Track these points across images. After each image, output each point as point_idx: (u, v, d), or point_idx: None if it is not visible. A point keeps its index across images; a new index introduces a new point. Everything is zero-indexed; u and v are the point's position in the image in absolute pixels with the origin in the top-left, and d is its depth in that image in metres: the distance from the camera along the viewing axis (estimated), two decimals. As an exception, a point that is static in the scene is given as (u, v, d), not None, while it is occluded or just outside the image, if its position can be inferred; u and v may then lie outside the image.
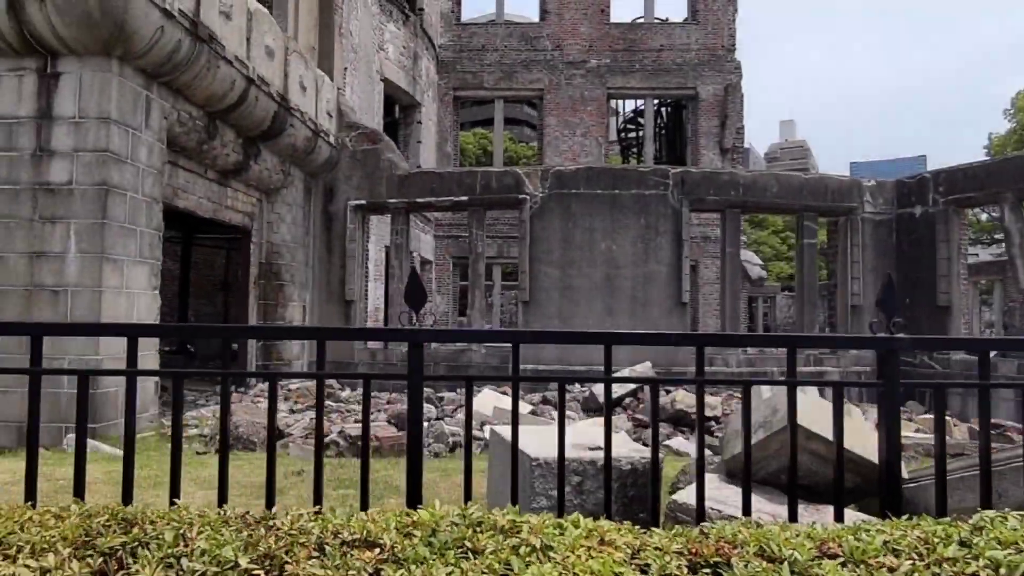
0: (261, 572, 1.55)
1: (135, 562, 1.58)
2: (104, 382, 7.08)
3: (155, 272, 7.97)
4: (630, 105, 28.88)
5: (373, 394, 11.35)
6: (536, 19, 24.41)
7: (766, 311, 26.06)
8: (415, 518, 1.88)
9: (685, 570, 1.63)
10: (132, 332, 2.83)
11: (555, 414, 9.52)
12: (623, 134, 30.04)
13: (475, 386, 11.24)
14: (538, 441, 4.04)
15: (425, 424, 8.25)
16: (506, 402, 9.80)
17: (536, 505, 3.62)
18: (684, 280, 11.81)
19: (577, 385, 11.64)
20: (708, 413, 9.32)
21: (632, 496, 3.83)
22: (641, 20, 24.37)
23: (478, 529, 1.86)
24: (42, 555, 1.60)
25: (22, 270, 7.01)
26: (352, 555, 1.67)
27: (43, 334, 2.62)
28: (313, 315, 12.72)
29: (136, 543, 1.68)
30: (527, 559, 1.63)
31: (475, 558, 1.65)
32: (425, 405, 10.18)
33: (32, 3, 6.62)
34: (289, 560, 1.58)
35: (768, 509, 3.83)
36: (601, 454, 2.73)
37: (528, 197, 11.98)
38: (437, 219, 21.81)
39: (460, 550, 1.72)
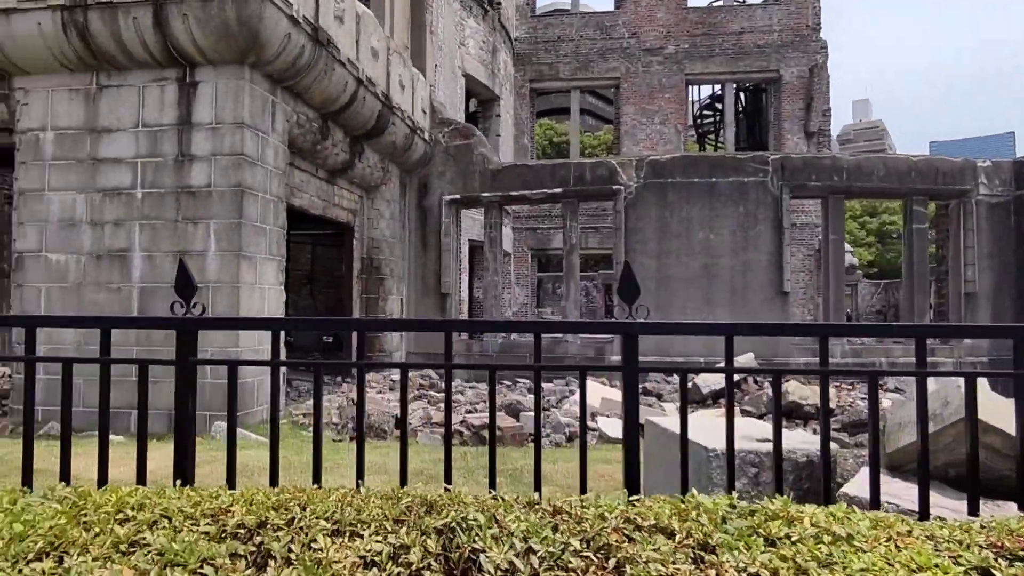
0: (590, 554, 1.64)
1: (468, 541, 1.70)
2: (241, 372, 7.49)
3: (281, 268, 8.37)
4: (704, 92, 28.29)
5: (470, 385, 11.58)
6: (611, 8, 24.12)
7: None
8: (693, 504, 1.95)
9: (1002, 562, 1.63)
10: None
11: (664, 405, 9.48)
12: (699, 120, 29.38)
13: (569, 377, 11.22)
14: (705, 432, 4.06)
15: (531, 414, 8.37)
16: (613, 393, 9.83)
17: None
18: (785, 269, 11.51)
19: (674, 376, 11.55)
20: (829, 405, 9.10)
21: (807, 489, 3.81)
22: (720, 3, 23.76)
23: (753, 517, 1.91)
24: (381, 532, 1.75)
25: (168, 268, 7.49)
26: (656, 540, 1.74)
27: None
28: (409, 308, 13.05)
29: (455, 524, 1.81)
30: (838, 548, 1.67)
31: (782, 545, 1.70)
32: (528, 395, 10.33)
33: (175, 18, 7.03)
34: (614, 543, 1.67)
35: (945, 504, 3.74)
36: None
37: (622, 187, 11.92)
38: (515, 212, 21.95)
39: (755, 537, 1.77)
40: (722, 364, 2.68)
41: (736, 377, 10.01)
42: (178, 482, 2.39)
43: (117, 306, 7.54)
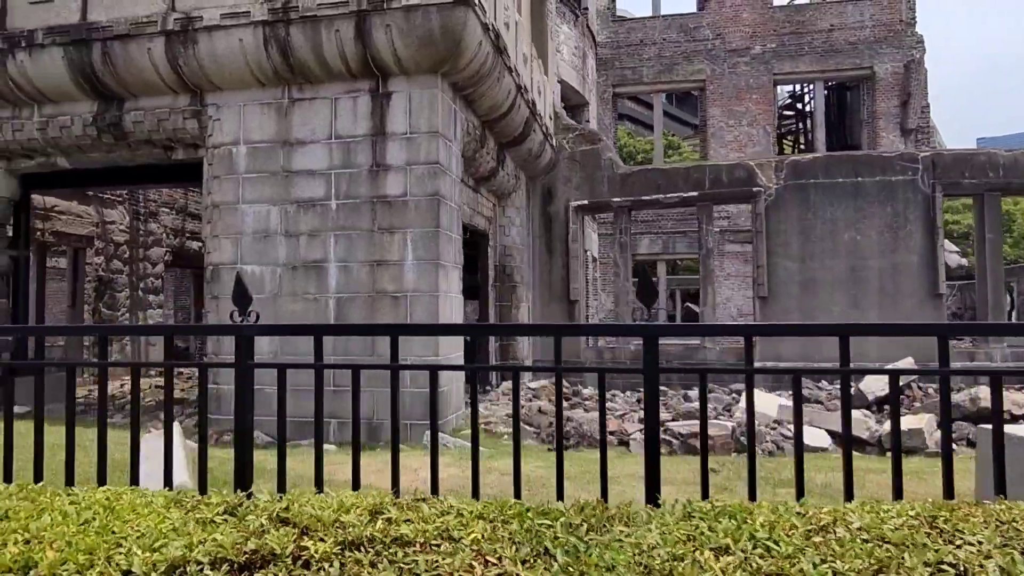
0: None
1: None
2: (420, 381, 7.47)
3: (460, 275, 8.37)
4: (782, 92, 27.74)
5: (611, 393, 11.40)
6: (694, 10, 23.87)
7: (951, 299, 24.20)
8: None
9: None
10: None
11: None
12: (779, 121, 28.82)
13: (727, 384, 10.85)
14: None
15: (731, 422, 8.17)
16: (786, 401, 9.56)
17: None
18: (940, 270, 11.10)
19: (823, 382, 11.21)
20: (1016, 411, 8.70)
21: None
22: (807, 1, 23.30)
23: None
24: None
25: (364, 278, 7.54)
26: None
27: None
28: (535, 315, 12.98)
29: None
30: None
31: None
32: (684, 403, 10.13)
33: (378, 29, 7.09)
34: None
35: None
36: None
37: (762, 189, 11.66)
38: (601, 217, 21.77)
39: None
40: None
41: (886, 383, 9.64)
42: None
43: (313, 316, 7.61)
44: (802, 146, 29.53)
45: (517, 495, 2.53)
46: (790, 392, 10.25)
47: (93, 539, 1.76)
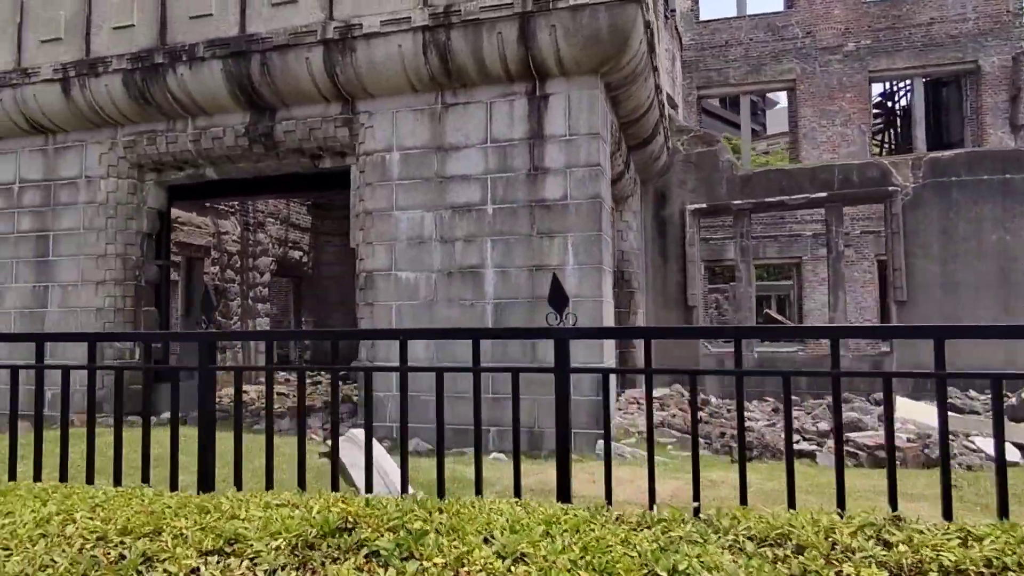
0: None
1: None
2: (584, 388, 7.27)
3: (612, 279, 8.17)
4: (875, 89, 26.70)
5: (726, 402, 10.97)
6: (781, 8, 23.23)
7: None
8: None
9: None
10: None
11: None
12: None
13: (846, 393, 10.34)
14: None
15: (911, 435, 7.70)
16: (925, 409, 9.01)
17: None
18: (1102, 271, 10.33)
19: (971, 391, 10.56)
20: None
21: None
22: (903, -6, 22.38)
23: None
24: None
25: (523, 283, 7.41)
26: None
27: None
28: (650, 321, 12.68)
29: None
30: None
31: None
32: (854, 415, 9.65)
33: (542, 30, 6.98)
34: None
35: None
36: None
37: (898, 189, 11.11)
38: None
39: None
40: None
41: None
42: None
43: (469, 322, 7.52)
44: (892, 145, 28.40)
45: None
46: (940, 401, 9.67)
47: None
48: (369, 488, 3.17)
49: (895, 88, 27.19)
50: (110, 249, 8.97)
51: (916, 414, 8.71)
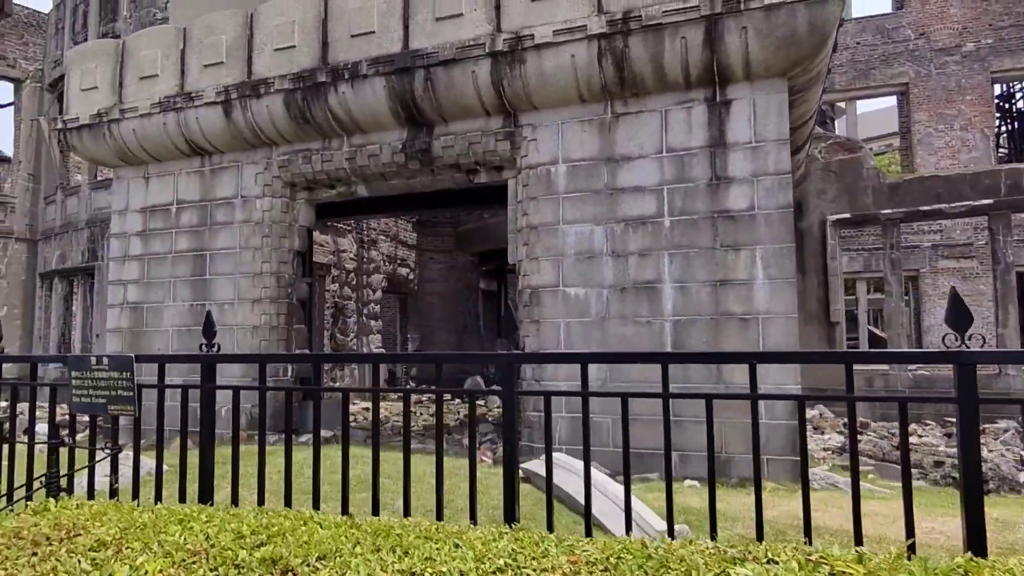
0: None
1: None
2: (779, 411, 6.78)
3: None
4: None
5: (880, 424, 10.19)
6: (890, 10, 22.20)
7: None
8: None
9: None
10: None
11: None
12: (980, 124, 26.17)
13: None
14: None
15: None
16: None
17: None
18: None
19: None
20: None
21: None
22: (1027, -11, 21.04)
23: None
24: None
25: (705, 299, 7.01)
26: None
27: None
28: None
29: None
30: None
31: None
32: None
33: (731, 32, 6.63)
34: None
35: None
36: None
37: (1077, 194, 10.19)
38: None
39: None
40: None
41: None
42: None
43: (647, 340, 7.17)
44: (1005, 150, 26.66)
45: None
46: None
47: None
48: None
49: (1012, 89, 25.54)
50: (265, 267, 9.06)
51: None
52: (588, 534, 2.59)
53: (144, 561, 1.86)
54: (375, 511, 3.03)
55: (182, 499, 3.41)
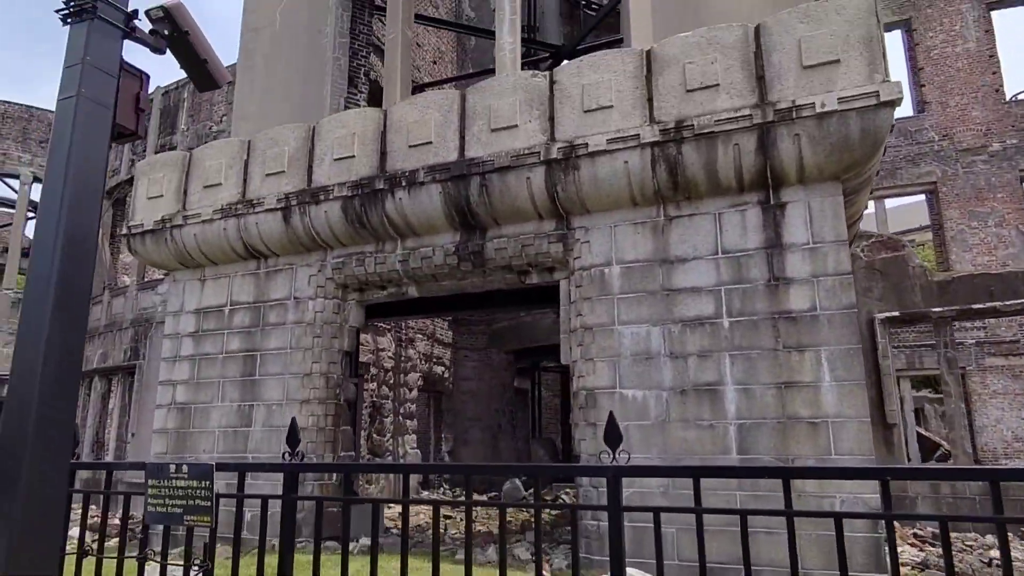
0: None
1: None
2: (856, 524, 6.39)
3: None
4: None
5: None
6: (911, 113, 22.88)
7: None
8: None
9: None
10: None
11: None
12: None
13: None
14: None
15: None
16: None
17: None
18: None
19: None
20: None
21: None
22: (1041, 93, 21.66)
23: None
24: None
25: (770, 401, 6.82)
26: None
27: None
28: (842, 442, 11.54)
29: None
30: None
31: None
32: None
33: (784, 139, 6.82)
34: None
35: None
36: None
37: None
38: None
39: None
40: None
41: None
42: None
43: (710, 445, 6.93)
44: (1040, 246, 26.47)
45: None
46: None
47: None
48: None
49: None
50: (315, 368, 9.07)
51: None
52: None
53: None
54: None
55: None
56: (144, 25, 3.45)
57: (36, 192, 23.14)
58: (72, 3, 2.98)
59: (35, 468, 2.69)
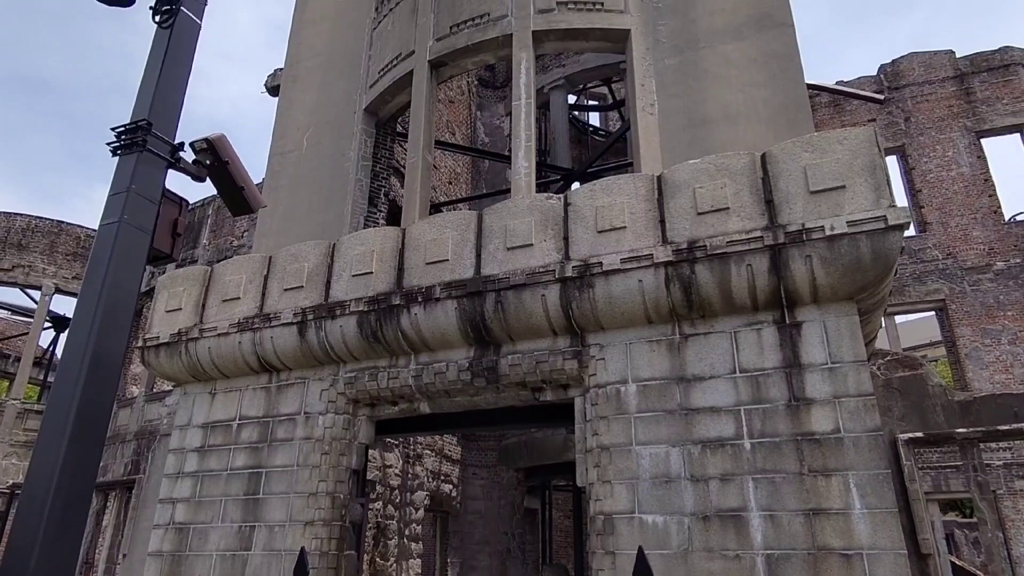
0: None
1: None
2: None
3: (887, 528, 7.06)
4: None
5: None
6: (914, 233, 23.40)
7: None
8: None
9: None
10: None
11: None
12: None
13: None
14: None
15: None
16: None
17: None
18: None
19: None
20: None
21: None
22: (1040, 214, 22.20)
23: None
24: None
25: (799, 530, 6.48)
26: None
27: None
28: (874, 573, 10.83)
29: None
30: None
31: None
32: None
33: (796, 260, 6.94)
34: None
35: None
36: None
37: None
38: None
39: None
40: None
41: None
42: None
43: (738, 578, 6.52)
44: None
45: None
46: None
47: None
48: None
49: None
50: (321, 487, 8.77)
51: None
52: None
53: None
54: None
55: None
56: (187, 155, 3.65)
57: (56, 303, 23.59)
58: (124, 136, 3.15)
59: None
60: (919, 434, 11.09)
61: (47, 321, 24.01)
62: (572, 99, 25.07)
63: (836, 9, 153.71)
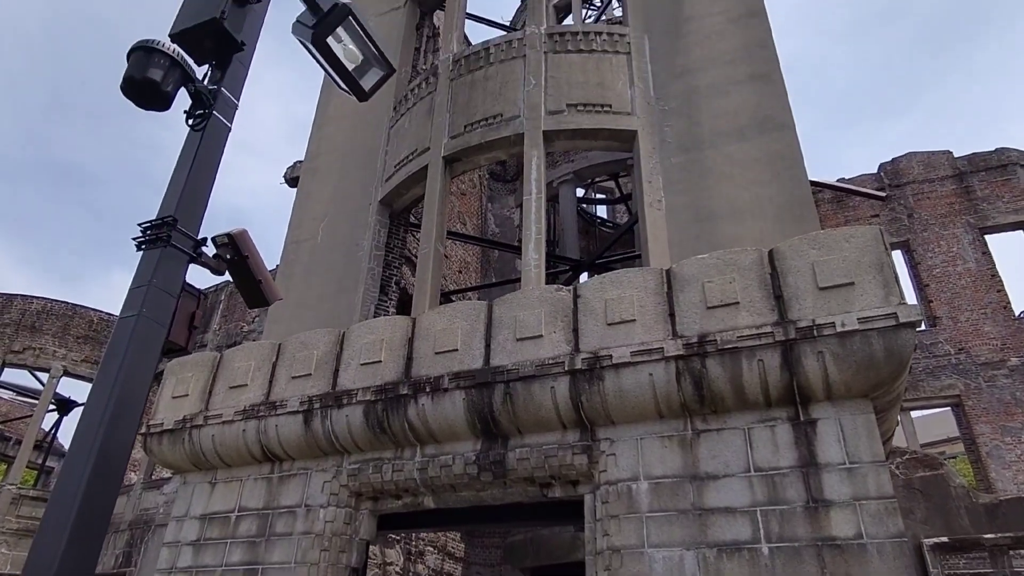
0: None
1: None
2: None
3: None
4: None
5: None
6: (924, 328, 23.30)
7: None
8: None
9: None
10: None
11: None
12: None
13: None
14: None
15: None
16: None
17: None
18: None
19: None
20: None
21: None
22: (1053, 310, 22.11)
23: None
24: None
25: (824, 646, 6.08)
26: None
27: None
28: None
29: None
30: None
31: None
32: None
33: (808, 356, 6.88)
34: None
35: None
36: None
37: None
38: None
39: None
40: None
41: None
42: None
43: None
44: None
45: None
46: None
47: None
48: None
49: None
50: (319, 586, 8.39)
51: None
52: None
53: None
54: None
55: None
56: (208, 248, 3.74)
57: (62, 385, 23.51)
58: (149, 232, 3.24)
59: None
60: (945, 539, 10.63)
61: (51, 403, 23.85)
62: (580, 192, 25.80)
63: (831, 114, 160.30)
